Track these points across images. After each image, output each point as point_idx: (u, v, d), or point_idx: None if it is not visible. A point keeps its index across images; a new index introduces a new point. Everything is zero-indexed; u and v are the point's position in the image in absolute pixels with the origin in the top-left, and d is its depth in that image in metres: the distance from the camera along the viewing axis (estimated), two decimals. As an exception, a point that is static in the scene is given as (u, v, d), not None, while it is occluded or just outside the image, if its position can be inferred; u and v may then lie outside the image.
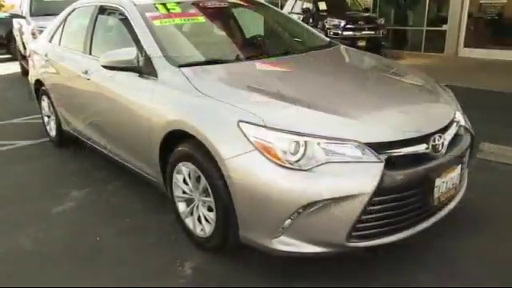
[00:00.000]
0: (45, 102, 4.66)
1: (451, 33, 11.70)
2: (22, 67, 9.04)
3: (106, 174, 3.86)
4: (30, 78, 5.01)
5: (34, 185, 3.77)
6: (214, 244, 2.50)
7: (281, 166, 2.07)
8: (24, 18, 7.66)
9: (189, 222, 2.69)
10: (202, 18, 3.23)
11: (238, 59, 2.94)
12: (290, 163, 2.07)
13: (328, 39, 3.66)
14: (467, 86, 6.92)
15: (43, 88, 4.56)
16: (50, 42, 4.43)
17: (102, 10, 3.62)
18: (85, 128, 3.82)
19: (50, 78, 4.29)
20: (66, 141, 4.56)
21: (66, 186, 3.67)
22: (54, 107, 4.39)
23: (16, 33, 9.03)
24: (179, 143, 2.58)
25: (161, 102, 2.67)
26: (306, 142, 2.10)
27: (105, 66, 2.87)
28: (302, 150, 2.09)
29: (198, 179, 2.51)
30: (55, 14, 7.62)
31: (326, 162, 2.07)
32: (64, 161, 4.30)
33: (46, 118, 4.80)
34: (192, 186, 2.57)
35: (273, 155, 2.09)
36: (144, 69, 2.82)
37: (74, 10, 4.17)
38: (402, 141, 2.20)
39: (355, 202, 2.05)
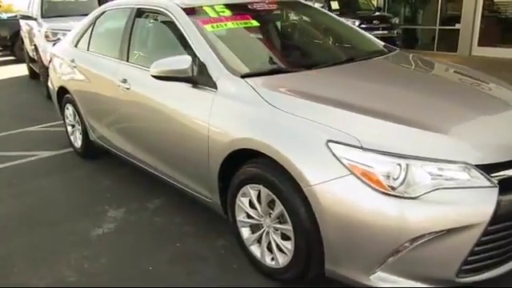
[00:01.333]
0: (69, 111, 4.36)
1: (464, 31, 11.48)
2: (31, 70, 8.72)
3: (143, 189, 3.58)
4: (50, 84, 4.72)
5: (65, 203, 3.48)
6: (290, 276, 2.23)
7: (383, 193, 1.80)
8: (35, 19, 7.34)
9: (255, 249, 2.41)
10: (254, 22, 2.94)
11: (303, 67, 2.63)
12: (393, 189, 1.80)
13: (382, 42, 3.39)
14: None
15: (67, 96, 4.27)
16: (76, 46, 4.13)
17: (140, 13, 3.33)
18: (119, 140, 3.53)
19: (78, 86, 4.00)
20: (93, 152, 4.28)
21: (100, 204, 3.38)
22: (80, 116, 4.10)
23: (24, 34, 8.70)
24: (245, 162, 2.31)
25: (223, 117, 2.39)
26: (407, 165, 1.83)
27: (155, 77, 2.59)
28: (403, 174, 1.82)
29: (270, 203, 2.23)
30: (68, 16, 7.47)
31: (435, 189, 1.80)
32: (94, 174, 4.01)
33: (69, 128, 4.50)
34: (262, 210, 2.30)
35: (373, 181, 1.82)
36: (199, 79, 2.54)
37: (104, 12, 3.88)
38: (510, 161, 1.94)
39: (469, 232, 1.79)
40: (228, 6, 3.05)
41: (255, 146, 2.17)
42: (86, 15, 7.45)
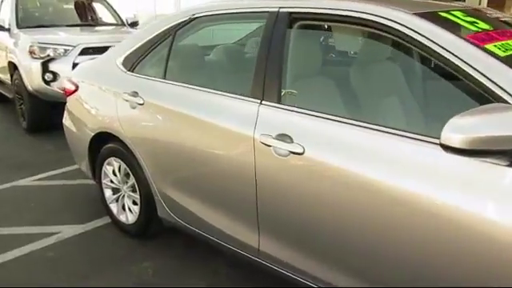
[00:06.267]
0: (113, 167, 2.87)
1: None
2: (-3, 93, 6.81)
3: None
4: (71, 124, 3.18)
5: None
6: None
7: None
8: (7, 29, 5.63)
9: None
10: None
11: None
12: None
13: None
14: None
15: (111, 145, 2.80)
16: (133, 71, 2.68)
17: (294, 21, 1.98)
18: (246, 231, 2.12)
19: (146, 134, 2.54)
20: (151, 231, 2.84)
21: None
22: (143, 179, 2.62)
23: (-12, 48, 6.85)
24: None
25: None
26: None
27: (456, 149, 1.29)
28: None
29: None
30: (53, 26, 5.83)
31: None
32: (170, 274, 2.52)
33: (108, 192, 2.99)
34: None
35: None
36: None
37: (192, 19, 2.45)
38: None
39: None
40: (467, 13, 1.82)
41: None
42: (77, 26, 6.11)
